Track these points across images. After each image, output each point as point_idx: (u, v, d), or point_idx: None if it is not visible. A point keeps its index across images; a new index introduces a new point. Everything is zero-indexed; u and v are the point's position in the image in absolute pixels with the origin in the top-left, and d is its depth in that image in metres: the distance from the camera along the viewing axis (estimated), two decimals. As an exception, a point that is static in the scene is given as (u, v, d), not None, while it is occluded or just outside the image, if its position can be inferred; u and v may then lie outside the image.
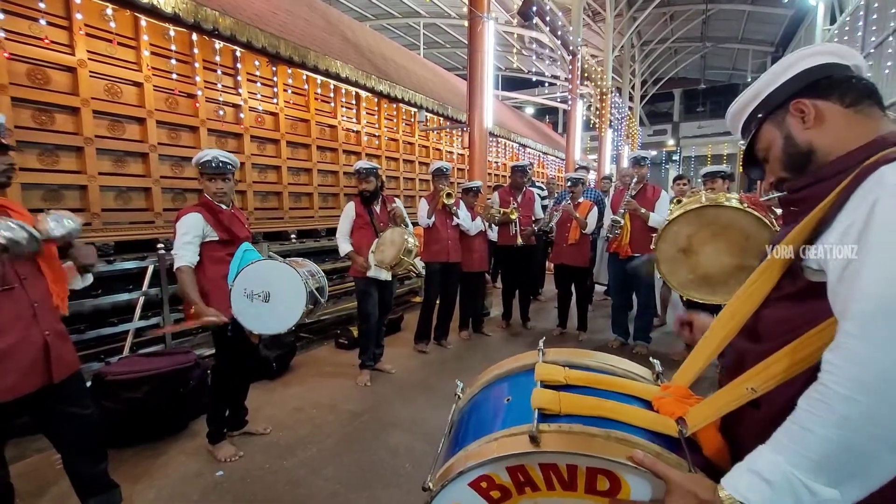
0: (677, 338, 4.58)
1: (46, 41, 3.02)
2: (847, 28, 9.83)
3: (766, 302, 0.80)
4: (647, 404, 0.87)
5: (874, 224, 0.62)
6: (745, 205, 2.33)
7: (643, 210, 3.84)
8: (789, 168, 0.84)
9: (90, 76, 3.25)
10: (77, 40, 3.17)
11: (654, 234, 3.92)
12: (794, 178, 0.83)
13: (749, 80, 21.16)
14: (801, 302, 0.73)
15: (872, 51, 8.30)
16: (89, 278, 1.86)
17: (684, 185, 4.62)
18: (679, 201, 3.97)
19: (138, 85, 3.54)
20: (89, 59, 3.24)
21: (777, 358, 0.70)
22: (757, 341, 0.78)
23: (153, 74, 3.60)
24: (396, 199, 3.73)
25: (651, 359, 1.04)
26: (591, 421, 0.82)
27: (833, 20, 11.44)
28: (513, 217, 4.49)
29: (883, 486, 0.59)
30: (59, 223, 1.54)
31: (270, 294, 2.30)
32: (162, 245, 3.42)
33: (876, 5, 7.98)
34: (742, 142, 0.92)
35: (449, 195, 4.05)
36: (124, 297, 3.23)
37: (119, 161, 3.49)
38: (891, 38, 7.43)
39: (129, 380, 2.58)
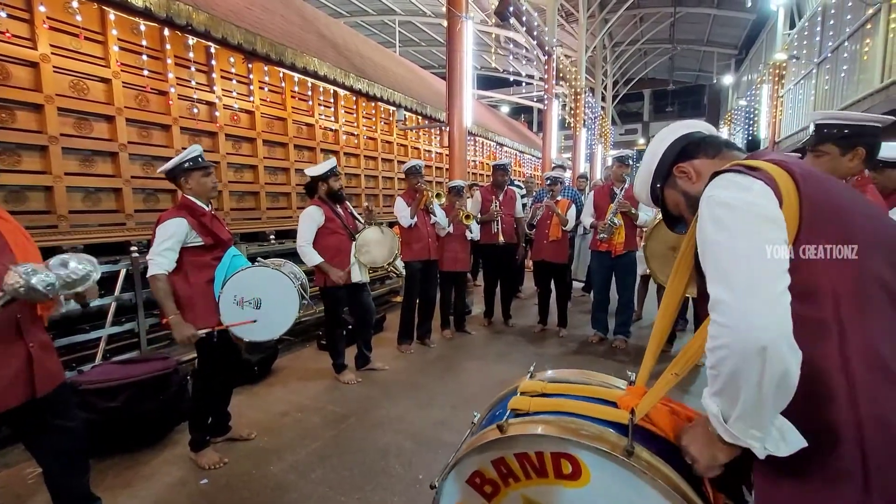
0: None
1: (7, 35, 2.86)
2: (806, 33, 10.32)
3: (701, 304, 0.99)
4: (613, 404, 1.02)
5: (700, 232, 0.86)
6: None
7: (634, 210, 3.95)
8: (691, 211, 1.04)
9: (54, 71, 3.11)
10: (39, 34, 3.02)
11: (636, 230, 4.07)
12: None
13: (714, 80, 22.05)
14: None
15: (829, 55, 8.75)
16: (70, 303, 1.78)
17: None
18: None
19: (106, 81, 3.40)
20: (53, 53, 3.09)
21: (689, 345, 0.91)
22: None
23: (122, 70, 3.46)
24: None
25: (628, 371, 1.19)
26: (552, 414, 0.99)
27: (792, 25, 11.99)
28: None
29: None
30: (75, 274, 1.47)
31: (262, 300, 2.26)
32: (135, 248, 3.30)
33: (832, 12, 8.41)
34: (657, 209, 1.17)
35: (439, 195, 4.04)
36: (95, 302, 3.10)
37: (87, 161, 3.35)
38: (846, 43, 7.85)
39: (104, 388, 2.48)
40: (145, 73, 3.60)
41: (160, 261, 2.18)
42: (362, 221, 3.55)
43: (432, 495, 1.03)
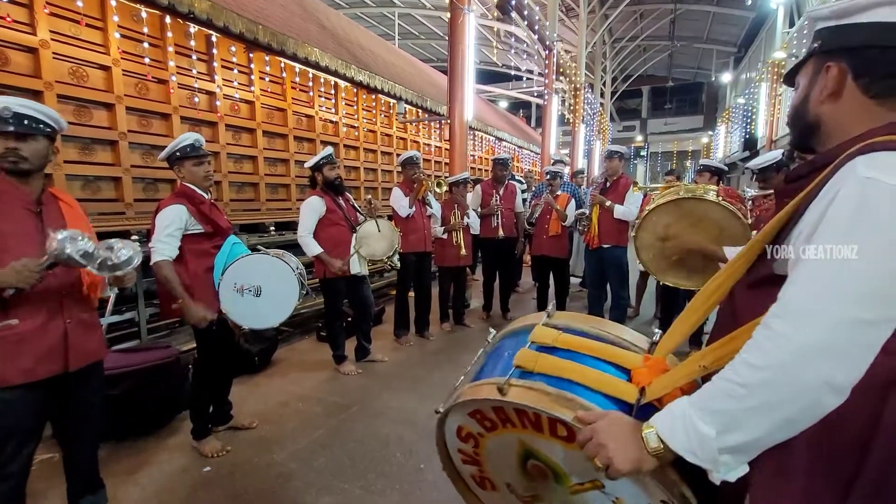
0: (651, 327, 4.78)
1: (7, 19, 2.83)
2: (805, 32, 10.33)
3: (742, 287, 0.82)
4: (627, 373, 0.95)
5: (828, 217, 0.63)
6: (721, 197, 2.43)
7: (608, 203, 3.92)
8: (792, 124, 0.83)
9: (53, 58, 3.08)
10: (39, 19, 2.99)
11: (623, 226, 4.04)
12: (794, 141, 0.85)
13: (713, 78, 22.07)
14: (768, 289, 0.74)
15: (828, 54, 8.76)
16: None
17: (675, 181, 4.79)
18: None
19: (106, 69, 3.37)
20: (52, 39, 3.06)
21: (728, 340, 0.75)
22: (736, 323, 0.80)
23: (122, 58, 3.43)
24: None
25: (653, 327, 1.14)
26: (554, 381, 0.94)
27: (792, 23, 12.01)
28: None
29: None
30: (118, 258, 1.52)
31: (262, 288, 2.27)
32: (136, 237, 3.29)
33: (831, 10, 8.41)
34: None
35: (440, 184, 4.05)
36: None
37: (86, 149, 3.32)
38: (845, 43, 7.86)
39: (106, 376, 2.47)
40: (146, 61, 3.57)
41: (163, 248, 2.18)
42: (363, 214, 3.54)
43: (431, 475, 1.15)
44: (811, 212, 0.68)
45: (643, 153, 26.37)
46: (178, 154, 2.28)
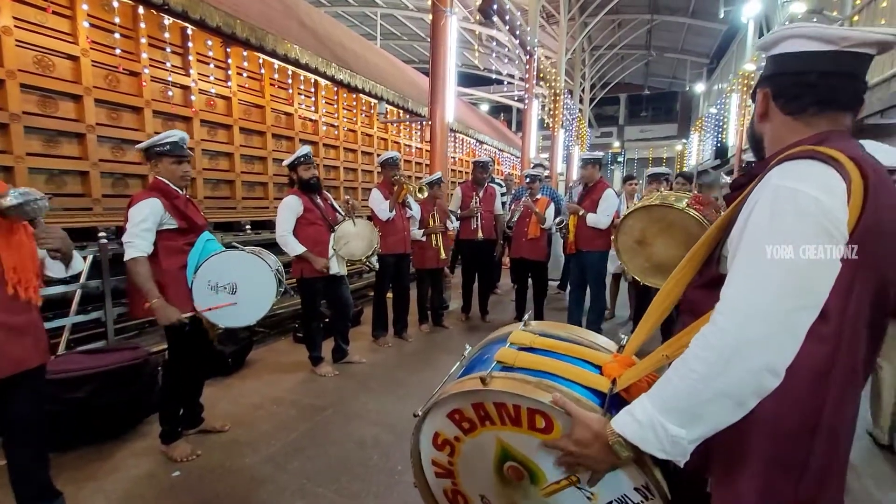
0: (625, 328, 4.88)
1: (-34, 3, 2.69)
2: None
3: (696, 285, 0.92)
4: (598, 368, 1.03)
5: (749, 223, 0.74)
6: (687, 205, 2.53)
7: (581, 211, 4.02)
8: (748, 140, 0.96)
9: (17, 45, 2.94)
10: (2, 4, 2.86)
11: (599, 231, 4.10)
12: (753, 153, 0.96)
13: (687, 88, 22.74)
14: (716, 287, 0.81)
15: (794, 68, 9.15)
16: (78, 265, 1.70)
17: (634, 184, 4.92)
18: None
19: (74, 59, 3.24)
20: (16, 26, 2.93)
21: (685, 332, 0.82)
22: (694, 318, 0.88)
23: (92, 48, 3.31)
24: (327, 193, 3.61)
25: (621, 334, 1.20)
26: (534, 373, 1.00)
27: (761, 37, 12.48)
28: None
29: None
30: (15, 195, 1.40)
31: (237, 285, 2.21)
32: (103, 234, 3.17)
33: (798, 26, 8.80)
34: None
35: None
36: (60, 289, 2.96)
37: (51, 141, 3.19)
38: (810, 57, 8.22)
39: (68, 378, 2.38)
40: (117, 52, 3.45)
41: (139, 243, 2.11)
42: (342, 213, 3.51)
43: (409, 469, 1.13)
44: (741, 218, 0.78)
45: (620, 159, 26.91)
46: (158, 150, 2.22)
